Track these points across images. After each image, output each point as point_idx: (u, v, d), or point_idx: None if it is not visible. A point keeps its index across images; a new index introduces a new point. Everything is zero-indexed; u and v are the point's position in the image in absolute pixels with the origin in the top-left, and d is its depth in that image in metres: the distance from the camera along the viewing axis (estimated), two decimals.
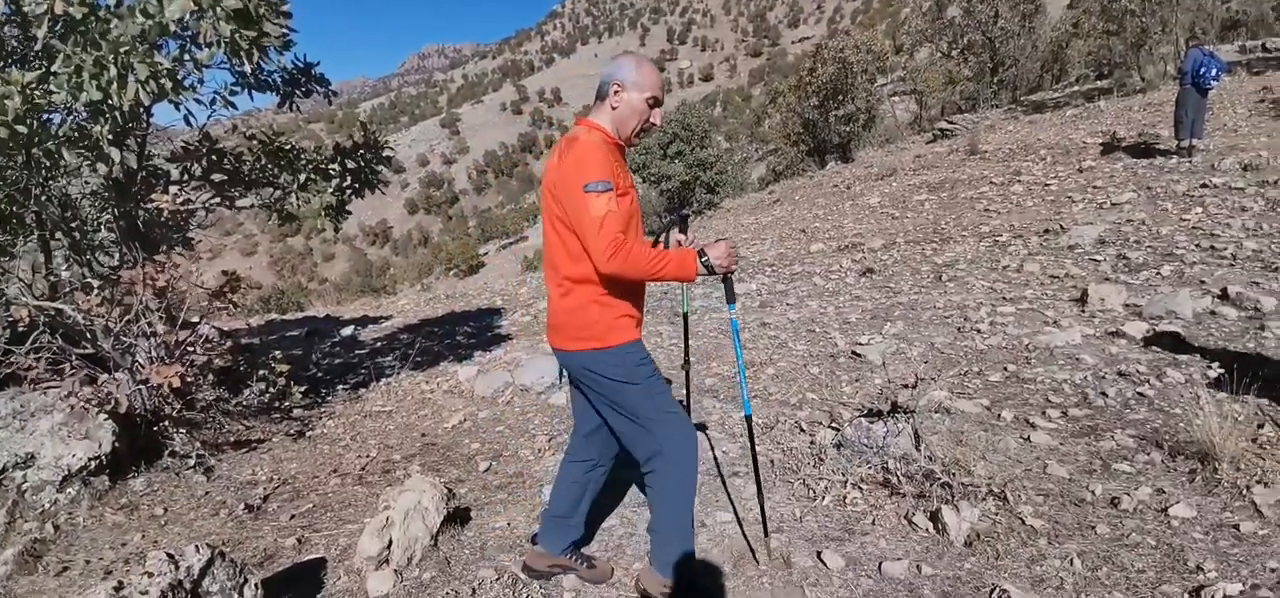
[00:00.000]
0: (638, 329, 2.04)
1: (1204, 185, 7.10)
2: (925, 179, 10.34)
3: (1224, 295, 4.41)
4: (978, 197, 8.68)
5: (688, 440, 2.05)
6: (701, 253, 1.95)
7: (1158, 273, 5.12)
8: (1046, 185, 8.50)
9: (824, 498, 2.74)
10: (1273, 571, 2.07)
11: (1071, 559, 2.23)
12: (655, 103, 2.02)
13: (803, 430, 3.36)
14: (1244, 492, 2.46)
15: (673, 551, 2.09)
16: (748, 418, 2.34)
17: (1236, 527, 2.30)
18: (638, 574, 2.25)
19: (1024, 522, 2.43)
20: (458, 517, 2.65)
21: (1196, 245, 5.54)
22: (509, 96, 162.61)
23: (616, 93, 1.99)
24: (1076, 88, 15.96)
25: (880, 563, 2.29)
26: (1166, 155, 8.60)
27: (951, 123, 14.27)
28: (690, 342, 2.71)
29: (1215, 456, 2.60)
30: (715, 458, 3.15)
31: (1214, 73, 8.20)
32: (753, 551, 2.43)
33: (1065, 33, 17.13)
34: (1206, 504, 2.44)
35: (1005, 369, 3.84)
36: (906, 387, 3.76)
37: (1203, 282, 4.76)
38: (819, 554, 2.40)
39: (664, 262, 1.90)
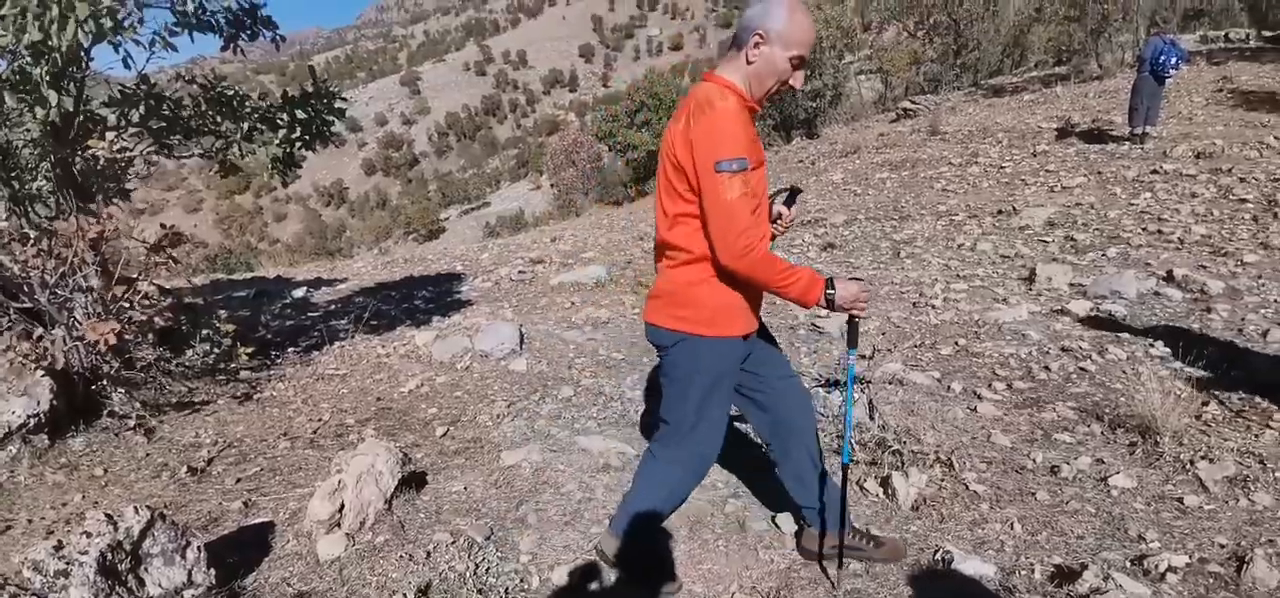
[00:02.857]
0: (746, 322, 1.85)
1: (1155, 172, 7.36)
2: (887, 158, 10.48)
3: (1169, 277, 4.60)
4: (937, 177, 8.85)
5: (708, 458, 1.97)
6: (830, 283, 1.76)
7: (1104, 254, 5.31)
8: (1002, 168, 8.71)
9: None
10: (1222, 546, 2.13)
11: (1012, 524, 2.32)
12: (800, 63, 1.71)
13: None
14: (1187, 466, 2.54)
15: (637, 527, 2.05)
16: (845, 466, 2.14)
17: (1180, 500, 2.37)
18: (598, 538, 2.26)
19: (968, 487, 2.52)
20: (413, 481, 2.60)
21: (1144, 229, 5.76)
22: (473, 57, 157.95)
23: (757, 44, 1.68)
24: (1035, 73, 16.35)
25: None
26: (1119, 142, 8.87)
27: (915, 103, 14.46)
28: None
29: (1156, 430, 2.68)
30: None
31: (1173, 61, 8.29)
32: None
33: (1027, 18, 17.44)
34: (1147, 476, 2.54)
35: (956, 343, 3.95)
36: (863, 358, 3.83)
37: (1148, 264, 4.96)
38: (773, 518, 2.44)
39: (792, 278, 1.71)
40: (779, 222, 2.07)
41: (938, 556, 2.16)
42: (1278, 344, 3.55)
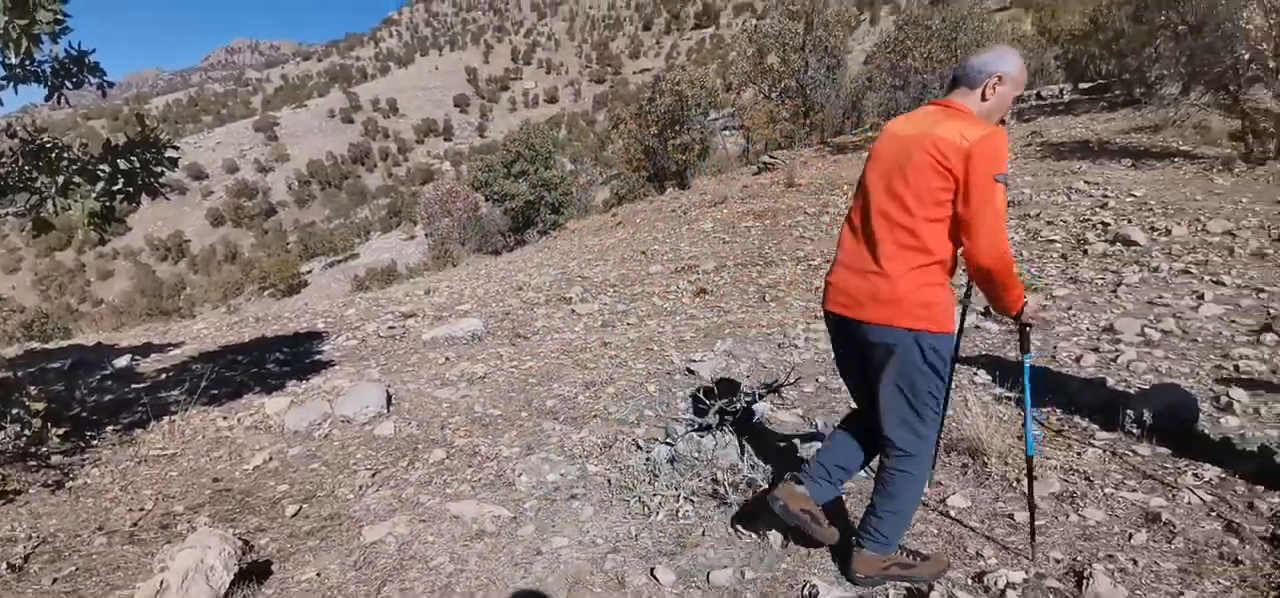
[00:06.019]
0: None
1: None
2: (752, 207, 11.18)
3: (986, 313, 5.21)
4: (795, 225, 9.55)
5: (931, 450, 2.17)
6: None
7: None
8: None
9: (658, 513, 2.80)
10: (1058, 561, 2.27)
11: None
12: (1017, 99, 2.10)
13: (639, 448, 3.42)
14: (1015, 484, 2.79)
15: (895, 533, 2.20)
16: (1029, 458, 2.41)
17: (1011, 516, 2.58)
18: (853, 558, 2.26)
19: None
20: (254, 573, 2.34)
21: (962, 269, 6.52)
22: (338, 103, 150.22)
23: (995, 86, 2.02)
24: (871, 133, 18.30)
25: (708, 573, 2.39)
26: None
27: (773, 158, 15.63)
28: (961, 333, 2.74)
29: (984, 451, 2.96)
30: (552, 482, 3.11)
31: None
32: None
33: (862, 85, 19.55)
34: (979, 495, 2.78)
35: (817, 380, 4.23)
36: (745, 395, 3.99)
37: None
38: (652, 570, 2.44)
39: (1020, 285, 2.03)
40: None
41: (805, 590, 2.26)
42: (1092, 368, 3.98)
